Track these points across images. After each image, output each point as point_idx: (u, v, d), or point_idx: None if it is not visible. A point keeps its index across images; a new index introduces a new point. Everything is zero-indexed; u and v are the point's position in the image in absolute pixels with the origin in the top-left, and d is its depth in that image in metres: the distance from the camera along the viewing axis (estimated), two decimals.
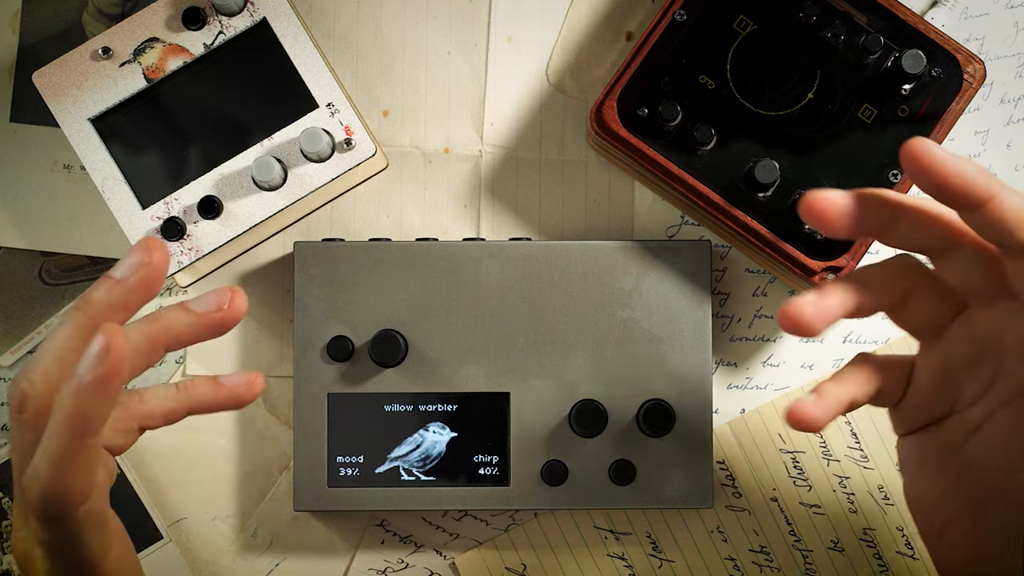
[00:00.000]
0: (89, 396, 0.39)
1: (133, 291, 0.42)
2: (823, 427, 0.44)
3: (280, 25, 0.58)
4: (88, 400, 0.39)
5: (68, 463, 0.40)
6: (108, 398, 0.39)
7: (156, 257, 0.42)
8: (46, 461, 0.40)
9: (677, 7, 0.57)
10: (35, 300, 0.62)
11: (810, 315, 0.43)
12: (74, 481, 0.40)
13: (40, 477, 0.40)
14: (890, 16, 0.57)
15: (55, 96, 0.58)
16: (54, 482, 0.40)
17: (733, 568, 0.61)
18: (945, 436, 0.47)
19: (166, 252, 0.43)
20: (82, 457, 0.40)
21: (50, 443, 0.40)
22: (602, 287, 0.59)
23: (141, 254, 0.42)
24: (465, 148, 0.62)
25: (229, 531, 0.62)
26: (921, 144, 0.41)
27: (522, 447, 0.58)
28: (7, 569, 0.61)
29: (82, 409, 0.39)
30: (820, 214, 0.43)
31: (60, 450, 0.40)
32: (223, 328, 0.45)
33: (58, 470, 0.40)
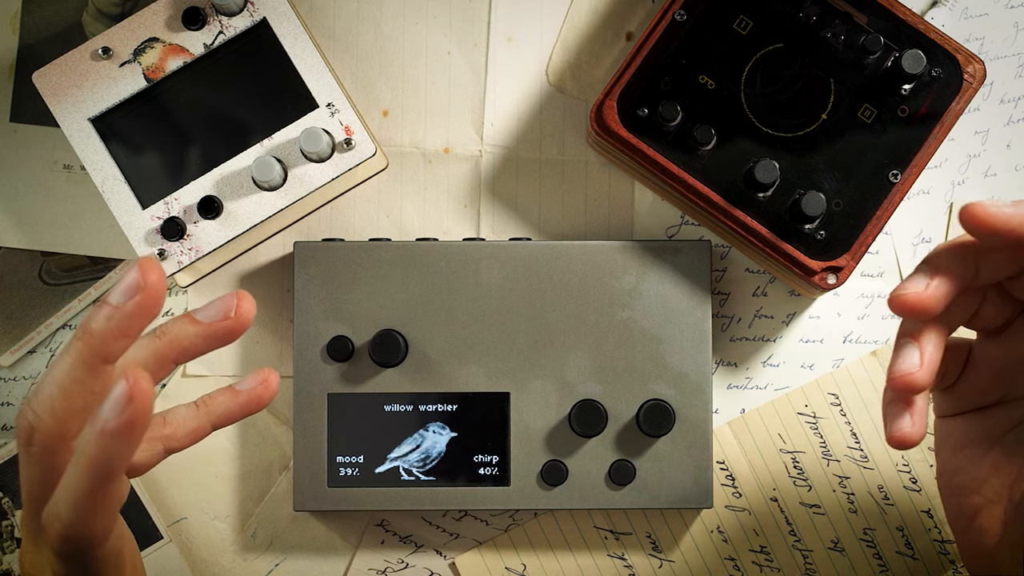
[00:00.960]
0: (114, 442, 0.38)
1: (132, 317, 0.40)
2: None
3: (280, 25, 0.58)
4: (113, 446, 0.38)
5: (91, 507, 0.39)
6: (133, 442, 0.38)
7: (152, 279, 0.40)
8: (68, 504, 0.39)
9: (677, 7, 0.57)
10: (35, 300, 0.62)
11: (928, 297, 0.43)
12: (96, 523, 0.40)
13: (61, 518, 0.40)
14: (890, 16, 0.57)
15: (55, 96, 0.58)
16: (75, 525, 0.39)
17: (733, 568, 0.61)
18: (990, 424, 0.47)
19: (162, 273, 0.41)
20: (104, 500, 0.39)
21: (73, 486, 0.39)
22: (602, 287, 0.59)
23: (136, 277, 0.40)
24: (465, 148, 0.62)
25: (229, 531, 0.62)
26: (978, 208, 0.41)
27: (522, 447, 0.58)
28: (7, 569, 0.61)
29: (107, 455, 0.38)
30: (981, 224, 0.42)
31: (83, 494, 0.39)
32: (232, 337, 0.43)
33: (80, 513, 0.39)
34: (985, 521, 0.47)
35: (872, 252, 0.62)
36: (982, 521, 0.47)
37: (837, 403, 0.61)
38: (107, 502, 0.39)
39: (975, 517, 0.48)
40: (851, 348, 0.62)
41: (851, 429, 0.61)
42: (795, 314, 0.62)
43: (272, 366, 0.62)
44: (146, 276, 0.40)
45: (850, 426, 0.61)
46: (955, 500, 0.48)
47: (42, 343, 0.62)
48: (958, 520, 0.48)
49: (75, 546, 0.40)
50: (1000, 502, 0.47)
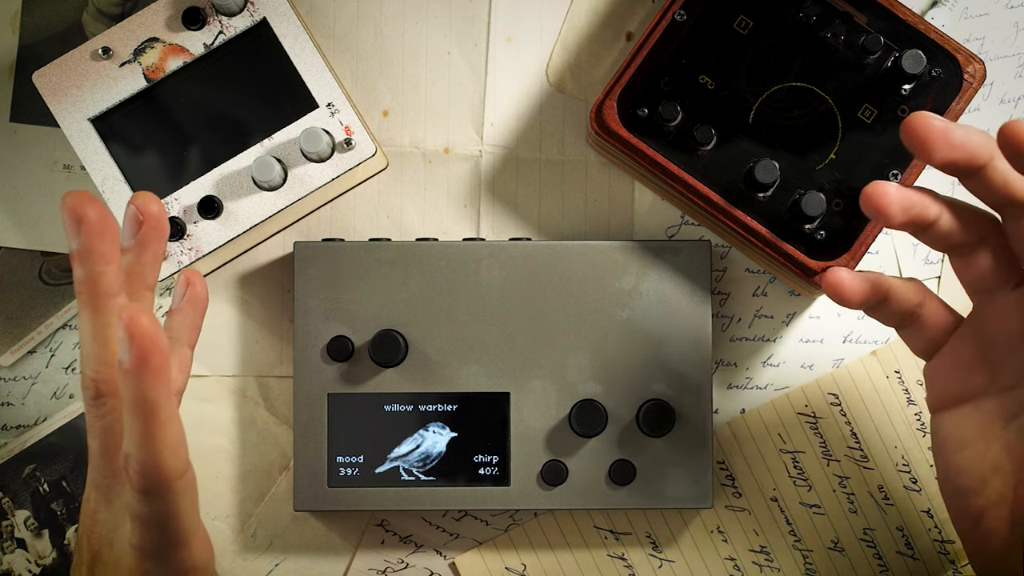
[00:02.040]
0: (137, 379, 0.40)
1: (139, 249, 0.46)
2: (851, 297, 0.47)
3: (280, 25, 0.58)
4: (138, 383, 0.40)
5: (151, 442, 0.41)
6: (154, 374, 0.40)
7: (153, 210, 0.46)
8: (134, 445, 0.41)
9: (677, 7, 0.57)
10: (35, 300, 0.62)
11: (893, 197, 0.44)
12: (165, 457, 0.41)
13: (134, 456, 0.41)
14: (890, 16, 0.57)
15: (55, 96, 0.58)
16: (148, 459, 0.41)
17: (733, 568, 0.61)
18: (985, 419, 0.46)
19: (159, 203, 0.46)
20: (163, 433, 0.41)
21: (131, 429, 0.41)
22: (602, 287, 0.59)
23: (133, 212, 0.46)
24: (465, 148, 0.62)
25: (229, 531, 0.62)
26: (923, 119, 0.42)
27: (522, 447, 0.58)
28: (7, 569, 0.61)
29: (139, 393, 0.40)
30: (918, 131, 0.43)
31: (139, 433, 0.41)
32: (156, 236, 0.47)
33: (146, 450, 0.41)
34: (991, 523, 0.46)
35: (872, 252, 0.62)
36: (988, 523, 0.47)
37: (837, 403, 0.61)
38: (164, 435, 0.41)
39: (980, 519, 0.47)
40: (851, 348, 0.62)
41: (851, 429, 0.61)
42: (795, 314, 0.62)
43: (272, 366, 0.62)
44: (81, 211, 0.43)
45: (850, 426, 0.61)
46: (958, 503, 0.48)
47: (42, 343, 0.62)
48: (963, 523, 0.48)
49: (153, 480, 0.42)
50: (1004, 503, 0.46)
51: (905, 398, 0.61)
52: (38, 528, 0.61)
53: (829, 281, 0.47)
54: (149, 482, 0.42)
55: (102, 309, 0.44)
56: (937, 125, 0.43)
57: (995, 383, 0.46)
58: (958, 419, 0.47)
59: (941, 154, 0.43)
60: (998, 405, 0.46)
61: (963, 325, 0.47)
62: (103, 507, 0.46)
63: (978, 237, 0.46)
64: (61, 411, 0.62)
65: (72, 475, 0.61)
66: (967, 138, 0.43)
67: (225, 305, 0.62)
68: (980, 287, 0.47)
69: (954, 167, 0.44)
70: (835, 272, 0.48)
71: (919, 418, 0.61)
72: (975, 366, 0.46)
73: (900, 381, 0.61)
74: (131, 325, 0.39)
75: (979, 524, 0.47)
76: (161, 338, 0.40)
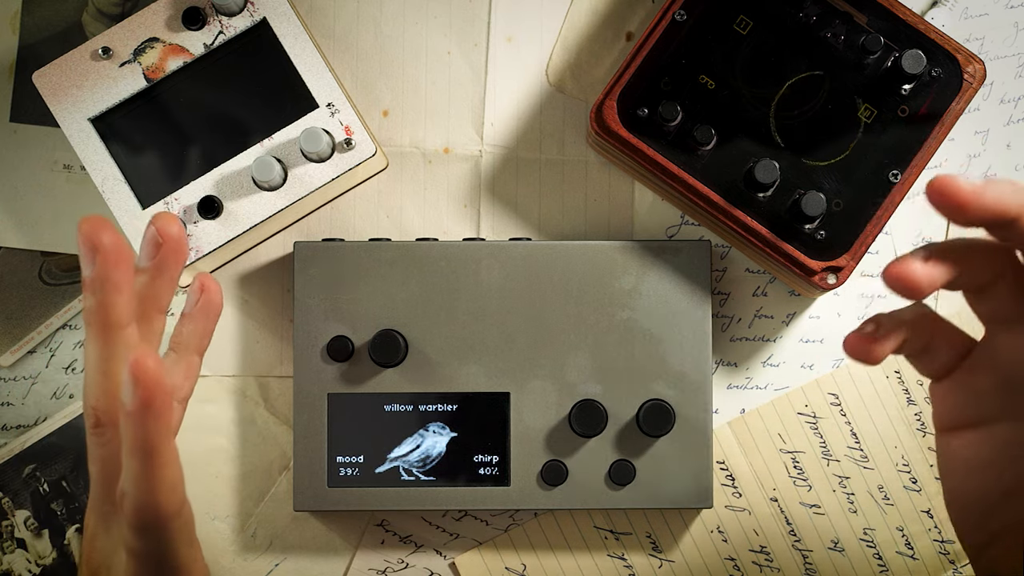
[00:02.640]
0: (139, 423, 0.39)
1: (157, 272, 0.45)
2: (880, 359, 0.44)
3: (280, 25, 0.58)
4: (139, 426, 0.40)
5: (147, 482, 0.41)
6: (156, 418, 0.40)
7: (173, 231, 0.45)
8: (131, 484, 0.41)
9: (677, 7, 0.57)
10: (35, 300, 0.62)
11: (921, 275, 0.42)
12: (160, 496, 0.41)
13: (130, 495, 0.41)
14: (890, 16, 0.57)
15: (55, 96, 0.58)
16: (144, 499, 0.41)
17: (733, 568, 0.61)
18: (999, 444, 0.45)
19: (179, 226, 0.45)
20: (158, 474, 0.41)
21: (128, 468, 0.41)
22: (602, 287, 0.59)
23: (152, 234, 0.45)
24: (465, 148, 0.62)
25: (229, 531, 0.62)
26: (951, 185, 0.41)
27: (522, 447, 0.58)
28: (7, 569, 0.61)
29: (139, 435, 0.40)
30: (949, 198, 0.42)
31: (136, 472, 0.41)
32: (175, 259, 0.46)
33: (141, 489, 0.41)
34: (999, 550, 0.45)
35: (872, 252, 0.62)
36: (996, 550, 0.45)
37: (837, 403, 0.61)
38: (162, 476, 0.41)
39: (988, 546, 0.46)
40: None
41: (851, 429, 0.61)
42: (795, 314, 0.62)
43: (272, 366, 0.62)
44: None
45: (850, 426, 0.61)
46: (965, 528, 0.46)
47: (42, 343, 0.62)
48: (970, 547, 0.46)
49: (148, 519, 0.42)
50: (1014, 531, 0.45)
51: (905, 398, 0.61)
52: (38, 528, 0.61)
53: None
54: (144, 521, 0.42)
55: (111, 341, 0.43)
56: (966, 188, 0.42)
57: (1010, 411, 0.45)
58: (968, 443, 0.46)
59: (973, 214, 0.42)
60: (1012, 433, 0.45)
61: (976, 351, 0.45)
62: (101, 533, 0.46)
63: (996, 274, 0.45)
64: (61, 411, 0.62)
65: (72, 475, 0.61)
66: (998, 197, 0.42)
67: (225, 305, 0.62)
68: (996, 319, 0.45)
69: (984, 224, 0.42)
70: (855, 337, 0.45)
71: (919, 418, 0.61)
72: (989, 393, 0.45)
73: (900, 381, 0.61)
74: (136, 368, 0.39)
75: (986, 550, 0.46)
76: (165, 381, 0.39)
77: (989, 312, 0.45)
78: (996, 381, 0.45)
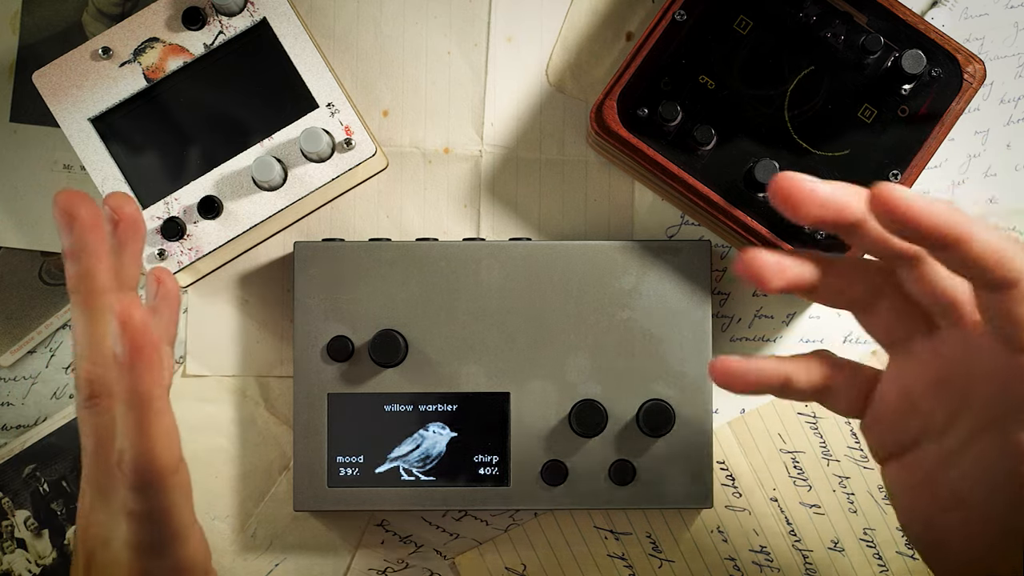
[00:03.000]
0: (130, 370, 0.40)
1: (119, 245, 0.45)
2: (741, 387, 0.45)
3: (280, 25, 0.58)
4: (131, 375, 0.40)
5: (146, 435, 0.42)
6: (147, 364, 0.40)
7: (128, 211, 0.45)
8: (128, 439, 0.42)
9: (677, 7, 0.57)
10: (35, 300, 0.62)
11: (770, 266, 0.43)
12: (159, 450, 0.42)
13: (128, 452, 0.42)
14: (890, 16, 0.57)
15: (55, 96, 0.58)
16: (142, 454, 0.42)
17: (733, 568, 0.61)
18: (926, 464, 0.45)
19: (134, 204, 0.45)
20: (157, 426, 0.42)
21: (124, 423, 0.42)
22: (602, 287, 0.59)
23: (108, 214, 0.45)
24: (465, 148, 0.62)
25: (229, 531, 0.62)
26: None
27: (522, 447, 0.58)
28: (7, 569, 0.61)
29: (131, 384, 0.41)
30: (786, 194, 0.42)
31: (132, 426, 0.41)
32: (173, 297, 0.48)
33: (140, 444, 0.42)
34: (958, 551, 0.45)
35: None
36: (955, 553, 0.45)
37: None
38: (157, 427, 0.42)
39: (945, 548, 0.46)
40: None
41: (851, 429, 0.61)
42: (795, 314, 0.62)
43: (272, 366, 0.62)
44: (74, 209, 0.43)
45: (850, 426, 0.61)
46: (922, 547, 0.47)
47: (42, 343, 0.62)
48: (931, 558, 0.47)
49: (147, 475, 0.42)
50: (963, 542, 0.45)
51: None
52: (38, 528, 0.61)
53: (715, 369, 0.46)
54: (143, 477, 0.42)
55: (95, 306, 0.44)
56: (803, 185, 0.42)
57: (927, 431, 0.45)
58: (902, 468, 0.46)
59: (807, 212, 0.42)
60: (936, 450, 0.45)
61: (883, 380, 0.46)
62: (99, 506, 0.46)
63: (874, 292, 0.45)
64: (61, 411, 0.62)
65: (72, 475, 0.61)
66: (834, 197, 0.42)
67: (225, 305, 0.62)
68: (890, 340, 0.45)
69: (825, 225, 0.43)
70: (721, 361, 0.45)
71: None
72: (905, 416, 0.45)
73: None
74: (123, 316, 0.40)
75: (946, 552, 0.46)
76: (152, 331, 0.40)
77: (880, 334, 0.46)
78: (905, 405, 0.45)
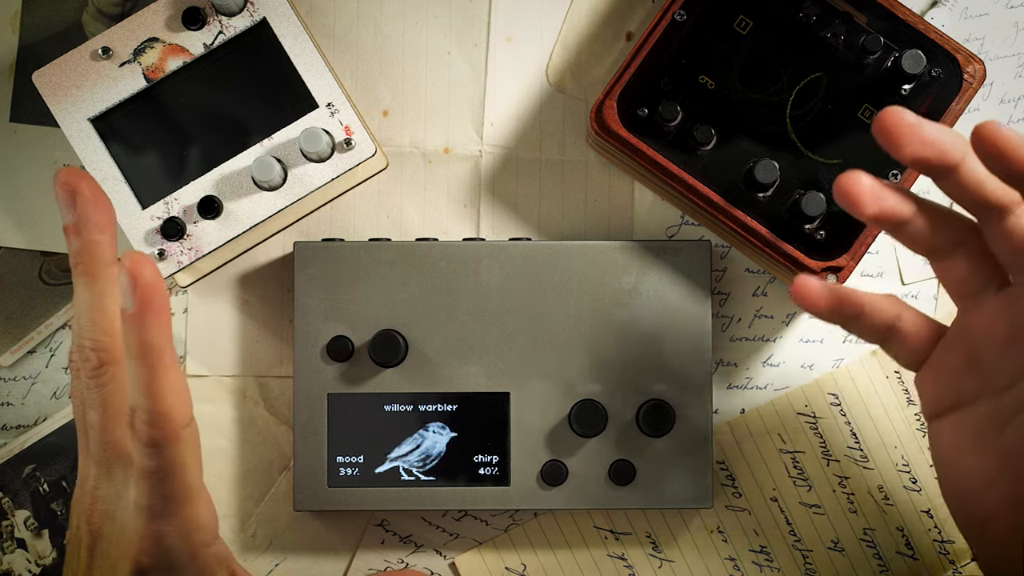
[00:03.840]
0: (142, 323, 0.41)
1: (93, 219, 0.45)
2: (823, 305, 0.45)
3: (280, 25, 0.58)
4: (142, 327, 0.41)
5: (159, 388, 0.42)
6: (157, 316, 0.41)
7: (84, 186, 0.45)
8: (140, 394, 0.42)
9: (677, 7, 0.57)
10: (35, 300, 0.62)
11: (868, 190, 0.43)
12: (171, 402, 0.42)
13: (141, 407, 0.42)
14: (890, 16, 0.57)
15: (55, 96, 0.58)
16: (155, 407, 0.42)
17: (733, 568, 0.61)
18: (980, 422, 0.45)
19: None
20: (168, 379, 0.42)
21: (136, 378, 0.42)
22: (602, 287, 0.59)
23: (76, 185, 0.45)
24: (465, 148, 0.62)
25: (229, 531, 0.62)
26: (995, 127, 0.42)
27: (522, 447, 0.58)
28: (7, 569, 0.61)
29: (143, 337, 0.41)
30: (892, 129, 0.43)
31: (145, 380, 0.42)
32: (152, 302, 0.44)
33: (154, 397, 0.42)
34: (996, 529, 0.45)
35: (872, 252, 0.62)
36: (993, 529, 0.45)
37: (837, 403, 0.61)
38: (172, 380, 0.42)
39: (985, 525, 0.46)
40: (851, 348, 0.62)
41: (851, 429, 0.61)
42: (795, 314, 0.62)
43: (272, 366, 0.62)
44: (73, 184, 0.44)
45: (850, 426, 0.61)
46: (962, 510, 0.47)
47: (42, 343, 0.62)
48: (968, 529, 0.47)
49: (161, 428, 0.42)
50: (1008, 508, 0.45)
51: (905, 398, 0.61)
52: (38, 528, 0.61)
53: (795, 287, 0.46)
54: (158, 431, 0.42)
55: (100, 277, 0.44)
56: (908, 120, 0.42)
57: (986, 388, 0.45)
58: (953, 425, 0.46)
59: (911, 149, 0.42)
60: (992, 409, 0.45)
61: (949, 332, 0.46)
62: (104, 481, 0.46)
63: (955, 240, 0.45)
64: (61, 411, 0.62)
65: (72, 475, 0.61)
66: (939, 136, 0.43)
67: (225, 305, 0.62)
68: (963, 292, 0.46)
69: (925, 165, 0.43)
70: (802, 279, 0.46)
71: (919, 418, 0.61)
72: (965, 373, 0.45)
73: (900, 381, 0.61)
74: (134, 269, 0.40)
75: (984, 530, 0.46)
76: (162, 282, 0.41)
77: (954, 285, 0.46)
78: (968, 360, 0.45)
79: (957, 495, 0.47)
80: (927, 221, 0.45)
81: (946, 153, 0.43)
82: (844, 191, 0.44)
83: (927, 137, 0.42)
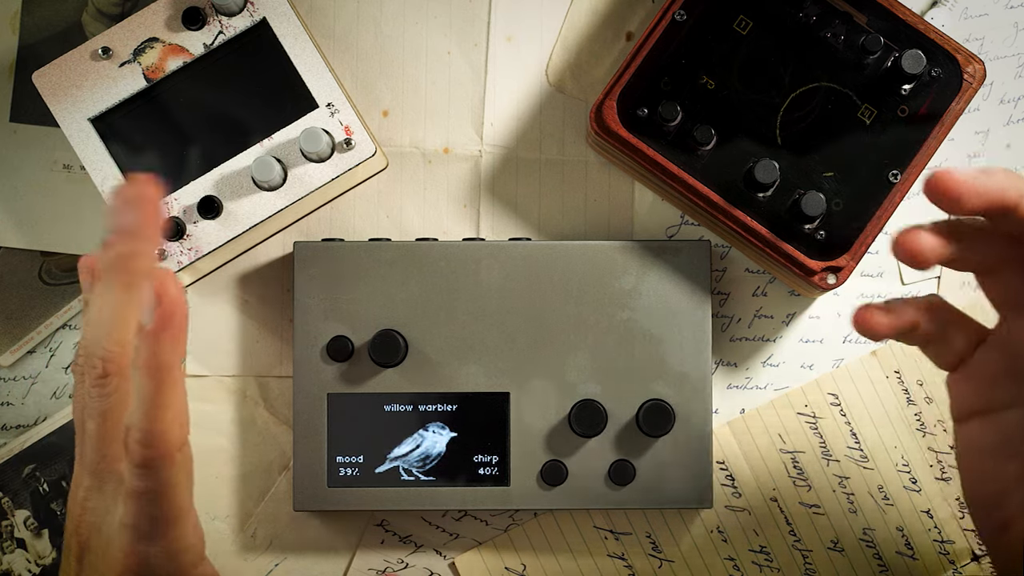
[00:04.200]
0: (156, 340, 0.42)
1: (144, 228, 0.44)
2: (884, 334, 0.45)
3: (280, 25, 0.58)
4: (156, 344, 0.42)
5: (160, 407, 0.42)
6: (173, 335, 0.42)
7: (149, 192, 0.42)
8: (140, 411, 0.42)
9: (677, 7, 0.57)
10: (35, 300, 0.62)
11: (926, 244, 0.43)
12: (169, 424, 0.43)
13: (138, 425, 0.42)
14: (890, 16, 0.57)
15: (55, 96, 0.58)
16: (152, 427, 0.42)
17: (733, 568, 0.61)
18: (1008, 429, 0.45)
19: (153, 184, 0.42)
20: (172, 397, 0.42)
21: (140, 393, 0.42)
22: (602, 287, 0.59)
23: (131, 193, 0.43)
24: (465, 148, 0.62)
25: (229, 531, 0.62)
26: (946, 177, 0.42)
27: (522, 447, 0.58)
28: (7, 569, 0.61)
29: (155, 354, 0.42)
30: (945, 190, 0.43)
31: (148, 398, 0.42)
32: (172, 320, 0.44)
33: (153, 416, 0.42)
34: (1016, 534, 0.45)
35: (872, 252, 0.62)
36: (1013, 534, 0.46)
37: (837, 403, 0.61)
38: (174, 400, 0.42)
39: (1005, 530, 0.46)
40: (851, 348, 0.62)
41: (851, 429, 0.61)
42: (795, 314, 0.62)
43: (272, 366, 0.62)
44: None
45: (850, 426, 0.61)
46: (982, 513, 0.47)
47: (42, 343, 0.62)
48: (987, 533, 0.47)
49: (154, 448, 0.43)
50: None
51: (905, 398, 0.61)
52: (38, 528, 0.61)
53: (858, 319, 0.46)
54: (151, 451, 0.42)
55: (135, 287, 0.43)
56: (959, 177, 0.42)
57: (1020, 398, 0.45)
58: (982, 430, 0.46)
59: (971, 205, 0.43)
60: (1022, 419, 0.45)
61: (990, 339, 0.46)
62: (95, 493, 0.46)
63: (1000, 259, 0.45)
64: (61, 411, 0.62)
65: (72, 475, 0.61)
66: (991, 183, 0.43)
67: (225, 305, 0.62)
68: (1007, 304, 0.46)
69: (984, 211, 0.43)
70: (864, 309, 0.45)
71: (919, 418, 0.61)
72: (1002, 379, 0.45)
73: (900, 381, 0.61)
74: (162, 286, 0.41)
75: (1004, 535, 0.46)
76: (185, 302, 0.42)
77: (999, 297, 0.46)
78: (1007, 367, 0.45)
79: (979, 497, 0.47)
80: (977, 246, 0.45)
81: (1003, 196, 0.43)
82: (906, 251, 0.43)
83: (981, 189, 0.42)
